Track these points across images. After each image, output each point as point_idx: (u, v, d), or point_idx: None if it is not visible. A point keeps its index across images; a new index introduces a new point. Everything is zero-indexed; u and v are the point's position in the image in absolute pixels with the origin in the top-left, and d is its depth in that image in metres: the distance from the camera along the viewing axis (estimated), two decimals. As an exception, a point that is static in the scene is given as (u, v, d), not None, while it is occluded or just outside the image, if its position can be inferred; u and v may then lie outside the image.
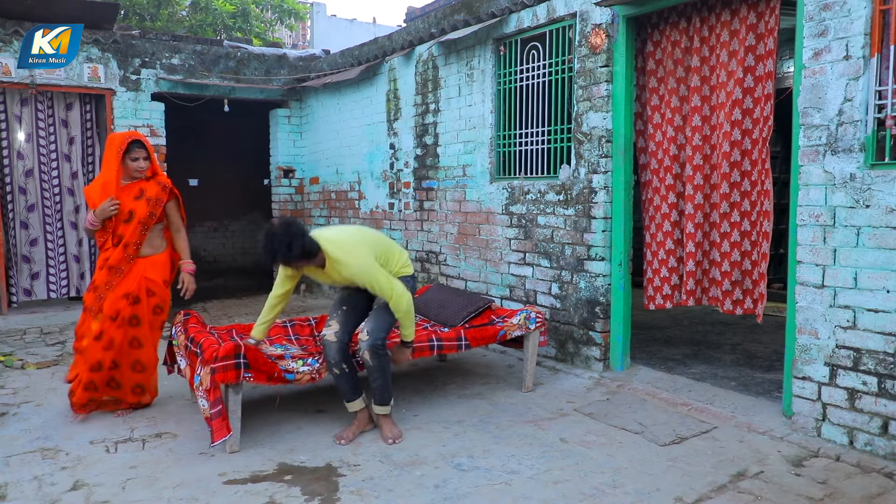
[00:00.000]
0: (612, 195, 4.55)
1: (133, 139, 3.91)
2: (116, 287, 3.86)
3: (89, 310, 3.89)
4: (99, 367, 3.83)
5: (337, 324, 3.59)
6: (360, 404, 3.63)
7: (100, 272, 3.90)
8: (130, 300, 3.87)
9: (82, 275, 7.00)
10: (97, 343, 3.83)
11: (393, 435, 3.54)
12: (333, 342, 3.55)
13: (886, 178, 3.10)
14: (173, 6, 13.85)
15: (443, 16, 5.95)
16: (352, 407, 3.64)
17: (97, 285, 3.89)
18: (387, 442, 3.51)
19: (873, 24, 3.15)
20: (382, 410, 3.60)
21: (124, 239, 3.87)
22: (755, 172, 3.97)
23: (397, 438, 3.53)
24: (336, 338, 3.55)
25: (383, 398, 3.58)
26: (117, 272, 3.87)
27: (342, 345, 3.56)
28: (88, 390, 3.86)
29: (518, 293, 5.28)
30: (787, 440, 3.42)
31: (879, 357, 3.15)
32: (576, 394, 4.28)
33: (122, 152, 3.87)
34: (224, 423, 3.30)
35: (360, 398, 3.63)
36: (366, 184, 7.27)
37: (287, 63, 8.14)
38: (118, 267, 3.87)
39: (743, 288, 4.13)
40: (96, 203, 3.86)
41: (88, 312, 3.89)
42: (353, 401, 3.62)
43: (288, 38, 18.60)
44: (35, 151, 6.66)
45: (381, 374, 3.53)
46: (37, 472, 3.17)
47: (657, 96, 4.44)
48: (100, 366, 3.83)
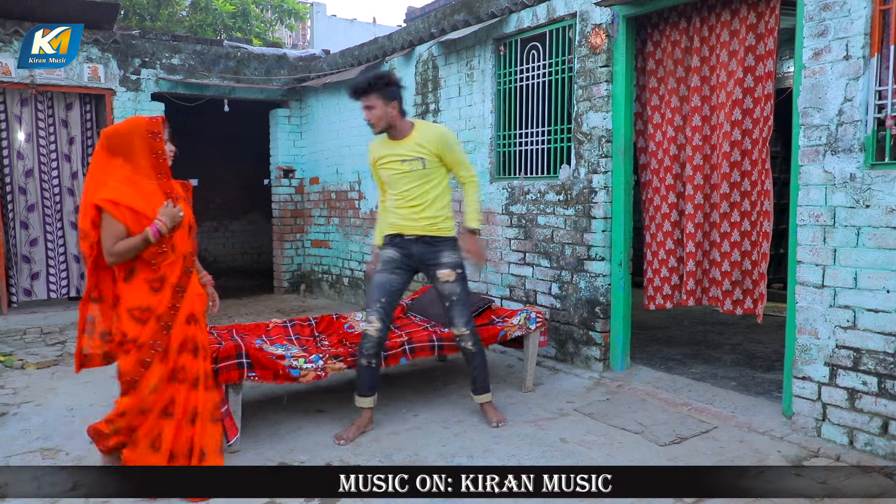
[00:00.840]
0: (612, 195, 4.55)
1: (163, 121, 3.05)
2: (180, 311, 3.03)
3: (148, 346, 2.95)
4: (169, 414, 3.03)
5: (378, 320, 3.58)
6: (371, 402, 3.65)
7: (154, 295, 2.96)
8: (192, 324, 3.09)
9: (82, 275, 7.00)
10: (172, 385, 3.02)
11: (498, 419, 3.73)
12: (375, 337, 3.58)
13: (886, 178, 3.10)
14: (173, 6, 13.84)
15: (443, 16, 5.95)
16: (364, 403, 3.63)
17: (159, 313, 2.96)
18: (495, 425, 3.69)
19: (873, 24, 3.15)
20: (487, 398, 3.80)
21: (179, 249, 3.02)
22: (755, 172, 3.97)
23: (502, 422, 3.72)
24: (378, 334, 3.59)
25: (486, 384, 3.79)
26: (179, 292, 3.03)
27: (381, 340, 3.62)
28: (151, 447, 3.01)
29: (518, 293, 5.28)
30: (787, 440, 3.42)
31: (879, 357, 3.15)
32: (576, 394, 4.28)
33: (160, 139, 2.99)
34: (233, 422, 3.31)
35: (373, 396, 3.65)
36: (366, 184, 7.27)
37: (287, 63, 8.15)
38: (179, 285, 3.03)
39: (743, 288, 4.13)
40: (142, 208, 2.93)
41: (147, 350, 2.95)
42: (368, 397, 3.63)
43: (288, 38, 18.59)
44: (35, 151, 6.66)
45: (483, 358, 3.77)
46: (37, 472, 3.17)
47: (657, 96, 4.44)
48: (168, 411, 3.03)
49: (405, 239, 3.66)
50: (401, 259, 3.67)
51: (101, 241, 2.91)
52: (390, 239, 3.71)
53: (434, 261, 3.64)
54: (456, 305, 3.65)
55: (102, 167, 2.97)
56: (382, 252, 3.73)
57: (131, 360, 2.95)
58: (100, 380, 4.74)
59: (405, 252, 3.66)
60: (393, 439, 3.56)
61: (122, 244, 2.87)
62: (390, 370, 4.70)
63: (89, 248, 2.95)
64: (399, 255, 3.67)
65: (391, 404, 4.10)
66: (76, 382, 4.67)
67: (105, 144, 2.96)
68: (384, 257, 3.70)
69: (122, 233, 2.87)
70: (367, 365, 3.59)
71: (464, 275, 3.68)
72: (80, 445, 3.52)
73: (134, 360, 2.95)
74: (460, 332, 3.68)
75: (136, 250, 2.89)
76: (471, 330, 3.70)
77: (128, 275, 2.96)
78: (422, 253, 3.64)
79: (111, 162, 2.95)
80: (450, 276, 3.63)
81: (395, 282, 3.66)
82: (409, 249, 3.66)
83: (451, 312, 3.67)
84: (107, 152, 2.96)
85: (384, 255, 3.70)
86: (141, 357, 2.94)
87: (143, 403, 2.97)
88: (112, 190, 2.90)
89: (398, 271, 3.67)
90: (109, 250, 2.86)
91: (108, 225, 2.87)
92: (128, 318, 2.95)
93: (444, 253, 3.64)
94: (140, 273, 2.95)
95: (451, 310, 3.67)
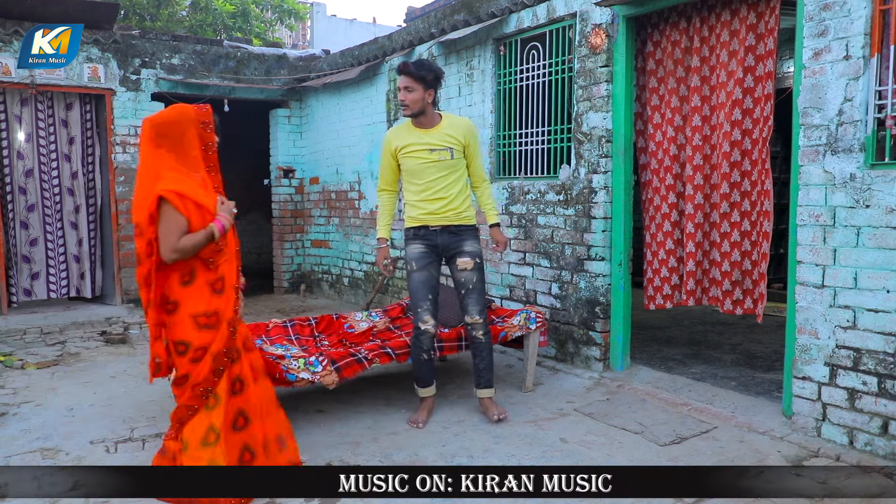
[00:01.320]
0: (612, 195, 4.55)
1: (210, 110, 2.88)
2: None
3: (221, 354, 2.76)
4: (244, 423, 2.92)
5: (431, 317, 3.73)
6: (433, 390, 3.86)
7: (218, 298, 2.78)
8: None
9: (82, 275, 7.01)
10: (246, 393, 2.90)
11: (499, 412, 3.78)
12: (431, 333, 3.74)
13: (886, 178, 3.10)
14: (173, 6, 13.84)
15: (443, 16, 5.95)
16: (427, 392, 3.84)
17: (228, 317, 2.78)
18: (496, 419, 3.74)
19: (873, 24, 3.15)
20: (491, 393, 3.85)
21: (231, 246, 2.88)
22: (755, 172, 3.97)
23: (503, 414, 3.77)
24: (433, 330, 3.74)
25: (491, 379, 3.85)
26: (238, 292, 2.90)
27: (435, 335, 3.78)
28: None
29: (518, 293, 5.28)
30: (787, 440, 3.42)
31: (879, 357, 3.15)
32: (576, 394, 4.28)
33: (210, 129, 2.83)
34: None
35: (434, 384, 3.86)
36: (366, 184, 7.27)
37: (287, 63, 8.14)
38: (237, 285, 2.89)
39: (743, 288, 4.13)
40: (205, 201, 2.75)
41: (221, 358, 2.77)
42: (429, 386, 3.84)
43: (288, 38, 18.59)
44: (35, 151, 6.66)
45: (491, 352, 3.85)
46: (37, 472, 3.17)
47: (657, 96, 4.44)
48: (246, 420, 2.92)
49: (430, 230, 3.73)
50: (430, 252, 3.75)
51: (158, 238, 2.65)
52: (415, 232, 3.76)
53: (456, 249, 3.75)
54: (472, 293, 3.75)
55: (153, 158, 2.73)
56: (411, 249, 3.77)
57: (205, 369, 2.72)
58: (100, 380, 4.75)
59: (431, 244, 3.74)
60: (393, 439, 3.56)
61: (187, 239, 2.65)
62: (390, 370, 4.70)
63: (147, 245, 2.69)
64: (427, 248, 3.75)
65: (391, 404, 4.10)
66: (76, 382, 4.68)
67: (151, 135, 2.74)
68: (415, 254, 3.74)
69: (185, 227, 2.65)
70: (426, 359, 3.78)
71: (481, 265, 3.80)
72: (80, 445, 3.52)
73: (208, 370, 2.73)
74: (474, 320, 3.76)
75: (199, 247, 2.68)
76: (484, 319, 3.79)
77: (190, 278, 2.72)
78: (446, 243, 3.74)
79: (161, 153, 2.73)
80: (468, 265, 3.73)
81: (434, 276, 3.78)
82: (434, 241, 3.74)
83: (466, 300, 3.77)
84: (155, 145, 2.74)
85: (414, 252, 3.75)
86: (215, 366, 2.74)
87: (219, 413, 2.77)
88: (174, 181, 2.67)
89: (432, 265, 3.77)
90: (173, 246, 2.62)
91: (170, 218, 2.63)
92: (192, 325, 2.71)
93: (467, 242, 3.76)
94: (200, 275, 2.73)
95: (466, 297, 3.77)
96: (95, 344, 5.82)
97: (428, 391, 3.84)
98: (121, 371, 4.97)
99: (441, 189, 3.67)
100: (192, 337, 2.72)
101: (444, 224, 3.71)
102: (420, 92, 3.59)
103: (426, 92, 3.60)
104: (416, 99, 3.60)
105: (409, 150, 3.68)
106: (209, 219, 2.73)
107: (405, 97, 3.62)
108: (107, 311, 6.80)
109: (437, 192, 3.67)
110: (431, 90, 3.62)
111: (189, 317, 2.72)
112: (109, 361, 5.26)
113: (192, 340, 2.72)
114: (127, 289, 7.08)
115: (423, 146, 3.65)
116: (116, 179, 6.98)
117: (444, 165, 3.65)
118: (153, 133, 2.74)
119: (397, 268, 6.75)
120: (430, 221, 3.71)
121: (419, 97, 3.60)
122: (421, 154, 3.65)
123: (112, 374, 4.88)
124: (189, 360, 2.74)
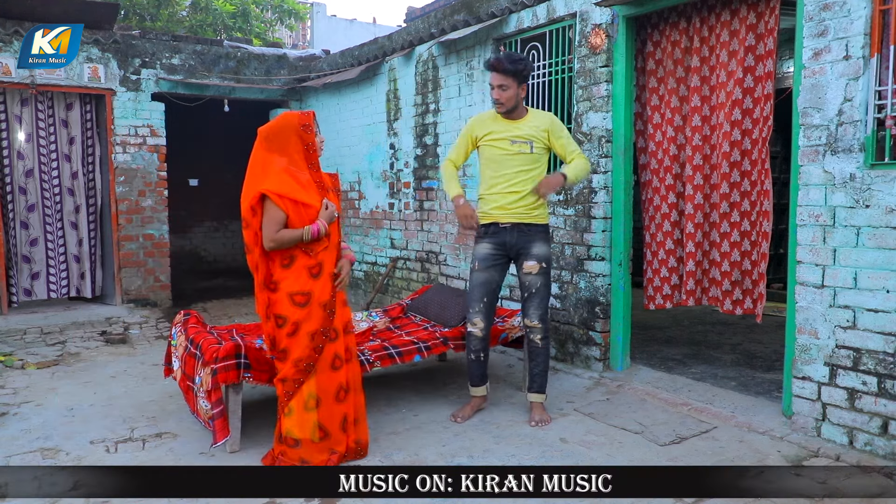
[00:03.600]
0: (612, 195, 4.55)
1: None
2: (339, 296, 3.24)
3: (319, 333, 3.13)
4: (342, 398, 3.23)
5: (481, 321, 3.74)
6: (484, 390, 3.88)
7: (314, 281, 3.12)
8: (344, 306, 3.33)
9: (82, 275, 7.01)
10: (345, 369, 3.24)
11: (544, 419, 3.75)
12: (480, 336, 3.76)
13: (886, 178, 3.10)
14: (173, 6, 13.84)
15: (443, 16, 5.95)
16: (478, 392, 3.86)
17: (325, 301, 3.14)
18: (534, 424, 3.71)
19: (873, 25, 3.15)
20: (541, 398, 3.81)
21: (332, 238, 3.23)
22: (755, 172, 3.97)
23: (545, 422, 3.73)
24: (482, 334, 3.76)
25: (543, 384, 3.80)
26: (335, 279, 3.22)
27: (486, 337, 3.80)
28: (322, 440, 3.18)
29: (518, 293, 5.28)
30: (787, 440, 3.42)
31: (879, 357, 3.15)
32: (576, 394, 4.28)
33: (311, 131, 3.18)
34: (225, 423, 3.30)
35: (486, 384, 3.89)
36: (366, 184, 7.27)
37: (287, 63, 8.14)
38: (333, 272, 3.22)
39: (742, 288, 4.13)
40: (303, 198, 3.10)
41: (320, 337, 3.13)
42: (480, 385, 3.86)
43: (288, 38, 18.59)
44: (35, 151, 6.67)
45: (547, 357, 3.79)
46: (37, 472, 3.17)
47: (657, 96, 4.44)
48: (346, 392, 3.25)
49: (500, 227, 3.68)
50: (497, 253, 3.71)
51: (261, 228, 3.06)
52: (484, 229, 3.72)
53: (525, 250, 3.68)
54: (534, 297, 3.70)
55: (261, 162, 3.14)
56: (478, 247, 3.75)
57: (304, 345, 3.10)
58: (100, 380, 4.75)
59: (500, 242, 3.69)
60: (393, 439, 3.56)
61: (284, 233, 3.05)
62: (390, 370, 4.70)
63: (253, 235, 3.09)
64: (494, 248, 3.70)
65: (391, 404, 4.10)
66: (76, 382, 4.68)
67: (264, 143, 3.16)
68: (481, 254, 3.72)
69: (283, 221, 3.05)
70: (475, 359, 3.81)
71: (548, 270, 3.72)
72: (80, 445, 3.52)
73: (307, 346, 3.10)
74: (533, 324, 3.73)
75: (293, 242, 3.07)
76: (544, 325, 3.72)
77: (289, 262, 3.11)
78: (516, 241, 3.68)
79: (269, 157, 3.14)
80: (534, 269, 3.68)
81: (495, 279, 3.75)
82: (503, 238, 3.69)
83: (527, 303, 3.73)
84: (265, 149, 3.15)
85: (481, 252, 3.72)
86: (314, 344, 3.11)
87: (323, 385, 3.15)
88: (275, 181, 3.08)
89: (496, 267, 3.73)
90: (271, 236, 3.03)
91: (270, 212, 3.04)
92: (288, 302, 3.09)
93: (536, 244, 3.68)
94: (300, 260, 3.11)
95: (528, 301, 3.73)
96: (95, 344, 5.83)
97: (478, 391, 3.87)
98: (121, 371, 4.98)
99: (517, 183, 3.60)
100: (288, 312, 3.09)
101: (515, 221, 3.64)
102: (514, 88, 3.55)
103: (519, 87, 3.57)
104: (510, 96, 3.55)
105: (492, 139, 3.63)
106: (306, 214, 3.10)
107: (499, 95, 3.55)
108: (107, 311, 6.80)
109: (512, 185, 3.61)
110: (524, 85, 3.59)
111: (286, 294, 3.09)
112: (109, 361, 5.27)
113: (289, 315, 3.09)
114: (127, 289, 7.08)
115: (506, 136, 3.60)
116: (116, 179, 6.98)
117: (524, 159, 3.60)
118: (265, 141, 3.17)
119: (396, 267, 6.75)
120: (500, 217, 3.65)
121: (513, 94, 3.55)
122: (502, 144, 3.61)
123: (112, 374, 4.88)
124: (286, 333, 3.11)
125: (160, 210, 7.27)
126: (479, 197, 3.77)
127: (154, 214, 7.23)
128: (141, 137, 7.11)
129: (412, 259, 6.56)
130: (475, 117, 3.81)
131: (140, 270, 7.17)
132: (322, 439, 3.16)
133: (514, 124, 3.64)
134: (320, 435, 3.16)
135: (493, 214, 3.67)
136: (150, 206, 7.20)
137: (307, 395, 3.13)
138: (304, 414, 3.13)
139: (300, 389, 3.13)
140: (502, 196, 3.63)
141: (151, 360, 5.24)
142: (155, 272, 7.27)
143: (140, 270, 7.17)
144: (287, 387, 3.14)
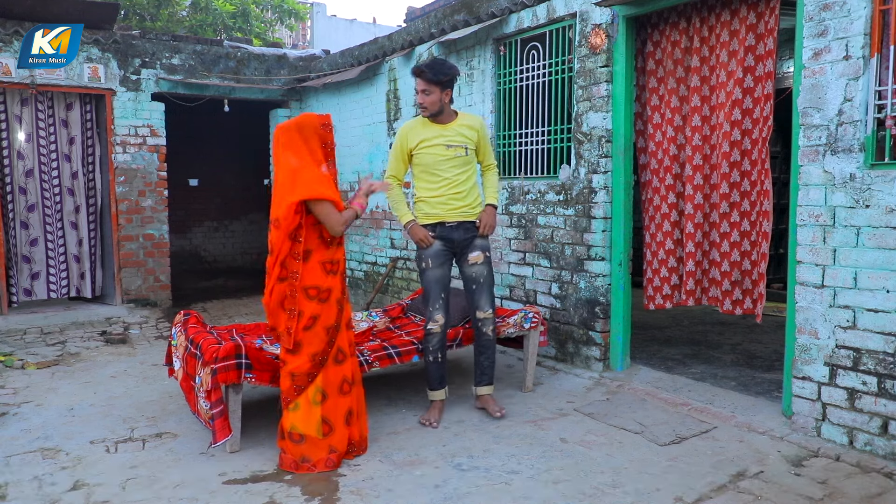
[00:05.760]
0: (612, 195, 4.55)
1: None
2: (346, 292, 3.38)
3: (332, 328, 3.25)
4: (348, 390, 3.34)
5: (442, 316, 3.78)
6: (443, 394, 3.87)
7: (329, 278, 3.25)
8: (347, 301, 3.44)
9: (82, 275, 7.01)
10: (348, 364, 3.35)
11: (499, 408, 3.84)
12: (439, 333, 3.79)
13: (886, 178, 3.10)
14: (173, 6, 13.84)
15: (443, 16, 5.95)
16: (436, 396, 3.85)
17: (338, 296, 3.28)
18: (497, 415, 3.80)
19: (873, 24, 3.15)
20: (491, 390, 3.90)
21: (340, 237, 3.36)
22: (755, 172, 3.98)
23: (503, 410, 3.83)
24: (441, 329, 3.79)
25: (492, 377, 3.90)
26: (343, 277, 3.36)
27: (445, 334, 3.82)
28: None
29: (518, 293, 5.28)
30: (787, 440, 3.42)
31: (879, 357, 3.15)
32: (576, 394, 4.28)
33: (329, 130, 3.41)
34: (225, 423, 3.30)
35: (445, 388, 3.88)
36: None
37: (287, 63, 8.14)
38: (343, 269, 3.37)
39: (742, 288, 4.13)
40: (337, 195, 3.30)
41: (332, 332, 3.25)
42: (439, 389, 3.85)
43: (288, 38, 18.59)
44: (35, 151, 6.66)
45: (495, 349, 3.89)
46: (37, 472, 3.17)
47: (657, 96, 4.44)
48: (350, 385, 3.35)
49: (447, 227, 3.77)
50: (446, 250, 3.80)
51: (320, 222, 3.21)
52: (431, 229, 3.78)
53: (468, 243, 3.79)
54: (483, 288, 3.80)
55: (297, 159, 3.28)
56: (428, 247, 3.80)
57: (320, 340, 3.21)
58: (100, 380, 4.75)
59: (448, 239, 3.78)
60: (393, 439, 3.56)
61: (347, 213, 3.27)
62: (389, 370, 4.70)
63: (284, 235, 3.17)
64: (443, 245, 3.79)
65: (391, 404, 4.10)
66: (76, 382, 4.68)
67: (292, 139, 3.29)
68: (431, 252, 3.79)
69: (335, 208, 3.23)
70: (433, 360, 3.80)
71: (490, 258, 3.84)
72: (80, 445, 3.52)
73: (323, 340, 3.22)
74: (486, 314, 3.81)
75: (353, 220, 3.31)
76: (493, 314, 3.84)
77: (305, 257, 3.21)
78: (461, 238, 3.78)
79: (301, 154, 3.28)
80: (479, 258, 3.79)
81: (447, 275, 3.83)
82: (451, 236, 3.78)
83: (476, 295, 3.82)
84: (292, 147, 3.28)
85: (432, 251, 3.79)
86: (329, 338, 3.23)
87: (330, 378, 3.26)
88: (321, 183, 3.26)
89: (447, 263, 3.82)
90: (339, 220, 3.21)
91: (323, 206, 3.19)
92: (303, 296, 3.19)
93: (477, 238, 3.82)
94: (315, 255, 3.23)
95: (477, 292, 3.81)
96: (95, 344, 5.83)
97: (437, 395, 3.85)
98: (121, 371, 4.98)
99: (458, 185, 3.73)
100: (320, 280, 3.20)
101: (461, 220, 3.77)
102: (437, 94, 3.64)
103: (443, 93, 3.65)
104: (433, 101, 3.65)
105: (425, 146, 3.71)
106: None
107: (423, 100, 3.66)
108: (107, 311, 6.80)
109: (454, 187, 3.72)
110: (448, 90, 3.68)
111: (301, 289, 3.18)
112: (109, 361, 5.27)
113: (321, 283, 3.20)
114: (127, 289, 7.08)
115: (440, 142, 3.69)
116: (116, 179, 6.98)
117: (461, 161, 3.73)
118: (293, 134, 3.30)
119: (396, 267, 6.76)
120: (446, 218, 3.75)
121: (436, 99, 3.65)
122: (437, 150, 3.70)
123: (112, 374, 4.88)
124: (317, 301, 3.20)
125: (160, 210, 7.27)
126: (420, 199, 3.81)
127: (154, 214, 7.23)
128: (141, 137, 7.11)
129: (412, 259, 6.56)
130: (404, 127, 3.85)
131: (140, 270, 7.17)
132: (326, 435, 3.20)
133: (445, 128, 3.73)
134: (325, 430, 3.21)
135: (439, 215, 3.76)
136: (150, 206, 7.20)
137: (314, 390, 3.20)
138: (311, 408, 3.19)
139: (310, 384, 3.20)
140: (449, 199, 3.74)
141: (151, 361, 5.24)
142: (155, 272, 7.27)
143: (140, 270, 7.17)
144: (299, 381, 3.19)
